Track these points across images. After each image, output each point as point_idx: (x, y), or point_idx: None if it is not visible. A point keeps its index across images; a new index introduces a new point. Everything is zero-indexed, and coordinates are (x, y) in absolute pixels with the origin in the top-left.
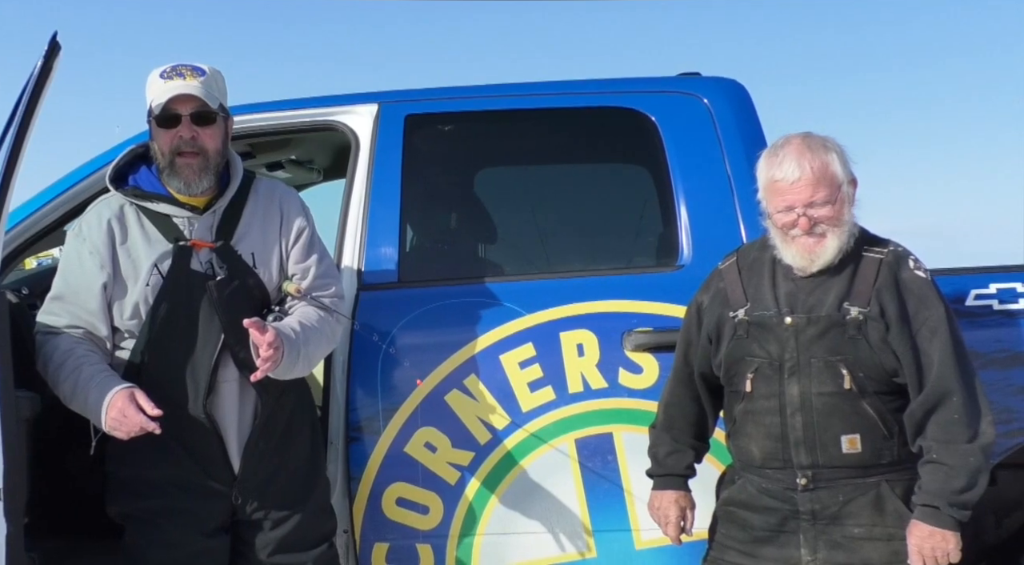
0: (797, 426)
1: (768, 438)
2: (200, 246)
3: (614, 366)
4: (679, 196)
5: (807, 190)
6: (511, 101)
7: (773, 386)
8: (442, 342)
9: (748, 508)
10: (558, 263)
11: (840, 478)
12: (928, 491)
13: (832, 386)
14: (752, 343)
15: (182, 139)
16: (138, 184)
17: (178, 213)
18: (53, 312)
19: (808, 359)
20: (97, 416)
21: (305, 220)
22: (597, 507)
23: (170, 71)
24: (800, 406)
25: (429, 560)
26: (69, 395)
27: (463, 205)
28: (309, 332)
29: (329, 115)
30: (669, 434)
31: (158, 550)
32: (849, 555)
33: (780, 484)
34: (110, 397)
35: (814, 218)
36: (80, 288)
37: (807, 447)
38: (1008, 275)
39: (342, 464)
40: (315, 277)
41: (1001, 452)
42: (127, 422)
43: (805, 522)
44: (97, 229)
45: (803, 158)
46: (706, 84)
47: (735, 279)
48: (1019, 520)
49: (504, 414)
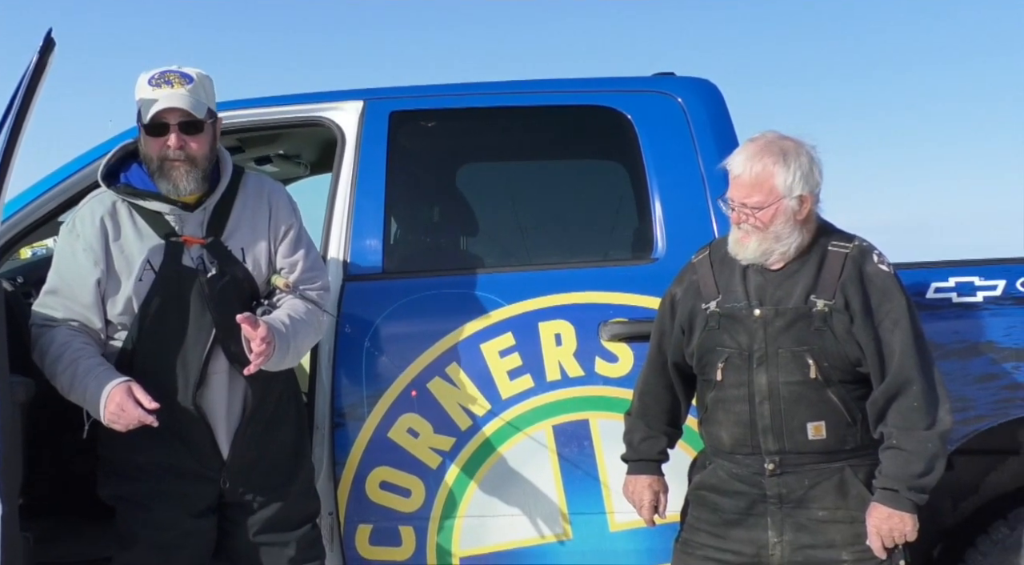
0: (765, 414)
1: (737, 425)
2: (191, 242)
3: (590, 355)
4: (654, 192)
5: (743, 189)
6: (492, 99)
7: (742, 375)
8: (425, 331)
9: (718, 492)
10: (537, 256)
11: (806, 463)
12: (888, 475)
13: (799, 375)
14: (723, 334)
15: (170, 148)
16: (129, 182)
17: (169, 210)
18: (48, 305)
19: (776, 349)
20: (96, 409)
21: (293, 215)
22: (573, 491)
23: (158, 78)
24: (768, 395)
25: (411, 541)
26: (67, 387)
27: (446, 199)
28: (298, 325)
29: (316, 111)
30: (643, 421)
31: (148, 530)
32: (814, 537)
33: (749, 469)
34: (108, 391)
35: (744, 215)
36: (74, 283)
37: (774, 434)
38: (966, 269)
39: (327, 449)
40: (302, 270)
41: (958, 439)
42: (125, 415)
43: (772, 505)
44: (91, 226)
45: (751, 160)
46: (680, 84)
47: (708, 272)
48: (975, 503)
49: (484, 401)
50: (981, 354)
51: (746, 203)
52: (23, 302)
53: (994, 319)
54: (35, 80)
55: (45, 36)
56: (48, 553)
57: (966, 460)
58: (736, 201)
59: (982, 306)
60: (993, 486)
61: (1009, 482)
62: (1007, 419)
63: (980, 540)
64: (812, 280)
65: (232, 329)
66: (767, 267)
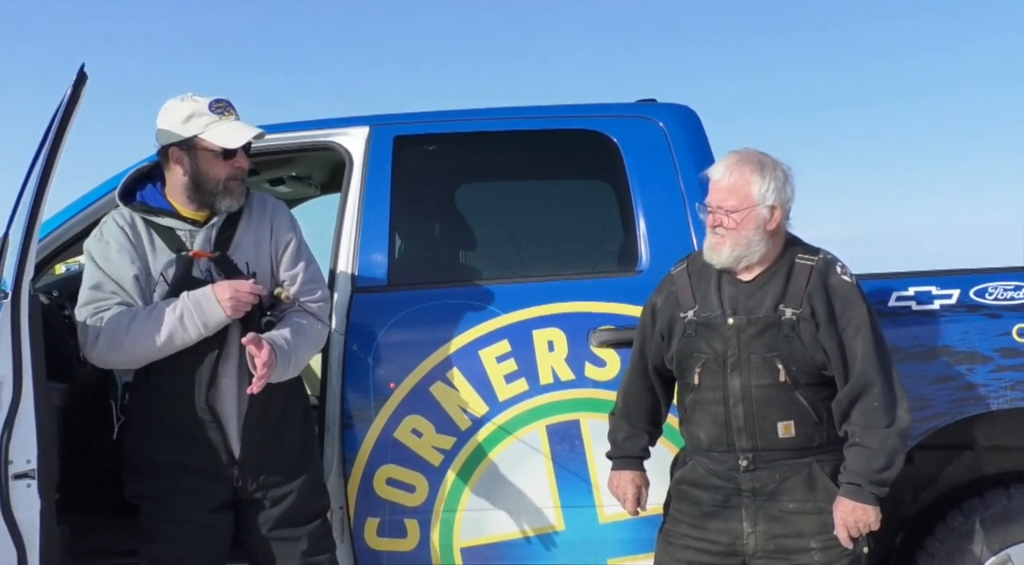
0: (739, 414)
1: (714, 425)
2: (200, 256)
3: (581, 360)
4: (638, 209)
5: (720, 193)
6: (488, 124)
7: (718, 379)
8: (427, 339)
9: (697, 486)
10: (531, 268)
11: (776, 459)
12: (852, 471)
13: (769, 379)
14: (700, 341)
15: (240, 169)
16: (144, 200)
17: (181, 226)
18: (98, 298)
19: (748, 355)
20: (213, 313)
21: (292, 231)
22: (565, 486)
23: (218, 106)
24: (741, 397)
25: (416, 534)
26: (163, 338)
27: (446, 216)
28: (299, 339)
29: (326, 136)
30: (626, 420)
31: (167, 525)
32: (785, 527)
33: (724, 465)
34: (209, 292)
35: (719, 219)
36: (115, 276)
37: (747, 433)
38: (924, 279)
39: (338, 448)
40: (302, 282)
41: (918, 435)
42: (240, 293)
43: (747, 498)
44: (119, 232)
45: (731, 168)
46: (661, 109)
47: (685, 283)
48: (933, 494)
49: (483, 403)
50: (938, 357)
51: (722, 206)
52: (58, 314)
53: (950, 325)
54: (69, 111)
55: (78, 70)
56: (82, 544)
57: (925, 455)
58: (713, 205)
59: (939, 313)
60: (950, 478)
61: (964, 474)
62: (962, 417)
63: (938, 528)
64: (781, 290)
65: (241, 335)
66: (739, 279)
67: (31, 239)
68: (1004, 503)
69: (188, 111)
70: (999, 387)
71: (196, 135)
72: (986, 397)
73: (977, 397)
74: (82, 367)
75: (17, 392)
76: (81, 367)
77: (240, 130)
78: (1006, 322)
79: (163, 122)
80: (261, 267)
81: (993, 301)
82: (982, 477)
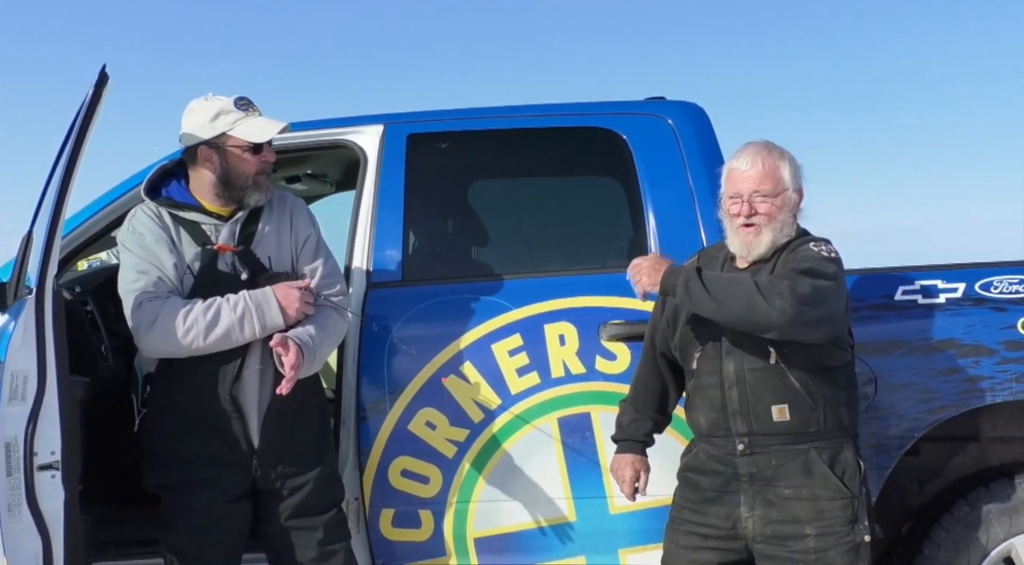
0: (734, 398)
1: (712, 409)
2: (224, 250)
3: (591, 354)
4: (647, 205)
5: (753, 181)
6: (500, 121)
7: (715, 363)
8: (441, 333)
9: (699, 472)
10: (542, 264)
11: (773, 444)
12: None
13: (761, 362)
14: (699, 327)
15: (267, 163)
16: (170, 195)
17: (206, 220)
18: (145, 287)
19: (741, 339)
20: (273, 319)
21: (312, 227)
22: (577, 477)
23: (243, 104)
24: (736, 380)
25: (430, 524)
26: (219, 335)
27: (459, 213)
28: (322, 334)
29: (341, 135)
30: (633, 405)
31: (187, 514)
32: (781, 512)
33: (723, 450)
34: (271, 294)
35: (754, 208)
36: (158, 263)
37: (743, 416)
38: (930, 273)
39: (353, 440)
40: (322, 276)
41: (924, 427)
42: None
43: (744, 483)
44: (152, 223)
45: (758, 155)
46: (670, 107)
47: None
48: (939, 486)
49: (495, 396)
50: (944, 350)
51: (759, 190)
52: (82, 310)
53: (955, 318)
54: (91, 111)
55: (100, 71)
56: (105, 534)
57: (931, 447)
58: (747, 193)
59: (944, 307)
60: (956, 470)
61: (970, 466)
62: (967, 409)
63: (944, 518)
64: (769, 274)
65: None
66: (735, 266)
67: (55, 236)
68: (1009, 493)
69: (215, 109)
70: (1004, 379)
71: (225, 132)
72: (991, 389)
73: (982, 389)
74: (104, 361)
75: (41, 386)
76: (103, 361)
77: (267, 124)
78: (1011, 315)
79: (189, 122)
80: (282, 262)
81: (998, 294)
82: (987, 468)
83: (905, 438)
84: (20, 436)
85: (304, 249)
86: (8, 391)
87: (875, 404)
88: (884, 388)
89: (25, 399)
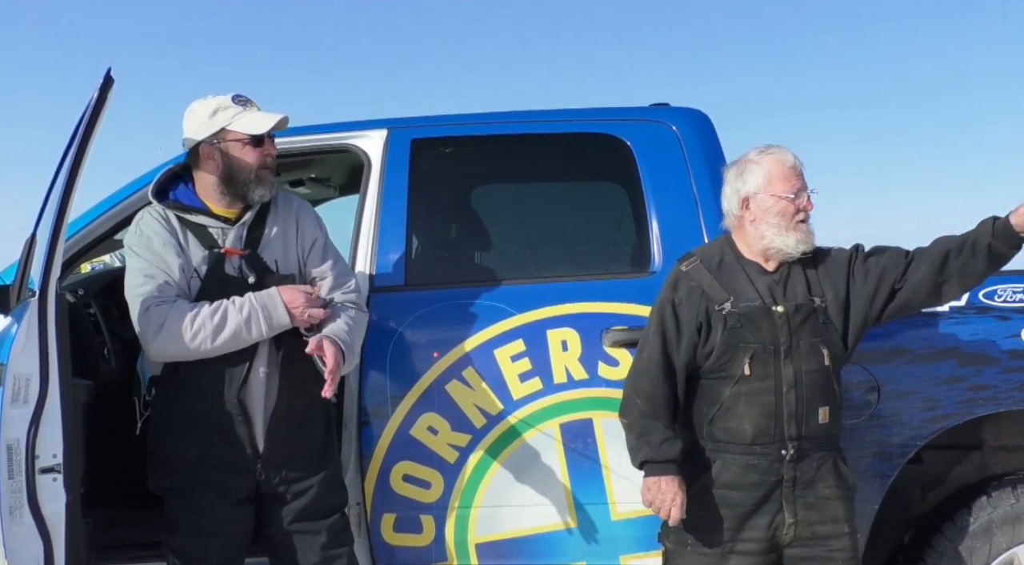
0: (791, 401)
1: (763, 416)
2: (232, 253)
3: (594, 360)
4: (651, 211)
5: (801, 178)
6: (504, 127)
7: (769, 368)
8: (443, 338)
9: (733, 487)
10: (545, 269)
11: (813, 448)
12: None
13: (816, 364)
14: (745, 332)
15: (269, 156)
16: (178, 198)
17: (212, 224)
18: (151, 291)
19: (798, 341)
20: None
21: (319, 230)
22: (579, 483)
23: (241, 100)
24: (795, 383)
25: (431, 529)
26: (227, 337)
27: (462, 218)
28: (354, 329)
29: (344, 139)
30: (659, 422)
31: (191, 517)
32: (821, 513)
33: (767, 458)
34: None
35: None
36: (165, 267)
37: (796, 420)
38: None
39: (355, 445)
40: (335, 277)
41: (927, 435)
42: (301, 296)
43: (787, 490)
44: (159, 226)
45: (789, 155)
46: (674, 113)
47: (708, 277)
48: (942, 493)
49: (497, 401)
50: (948, 359)
51: (813, 189)
52: (84, 312)
53: (959, 327)
54: (96, 114)
55: (105, 74)
56: (106, 536)
57: (934, 455)
58: (803, 190)
59: (948, 315)
60: (958, 478)
61: (973, 474)
62: (971, 417)
63: (946, 527)
64: (804, 280)
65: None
66: (765, 270)
67: (58, 239)
68: (1011, 503)
69: (213, 106)
70: (1007, 388)
71: (224, 127)
72: (995, 398)
73: (986, 398)
74: (106, 364)
75: (44, 388)
76: (105, 364)
77: (265, 117)
78: (1015, 324)
79: (190, 122)
80: (289, 265)
81: (1002, 303)
82: (990, 477)
83: (908, 446)
84: (22, 439)
85: (312, 252)
86: (10, 394)
87: (878, 412)
88: (887, 396)
89: (27, 402)
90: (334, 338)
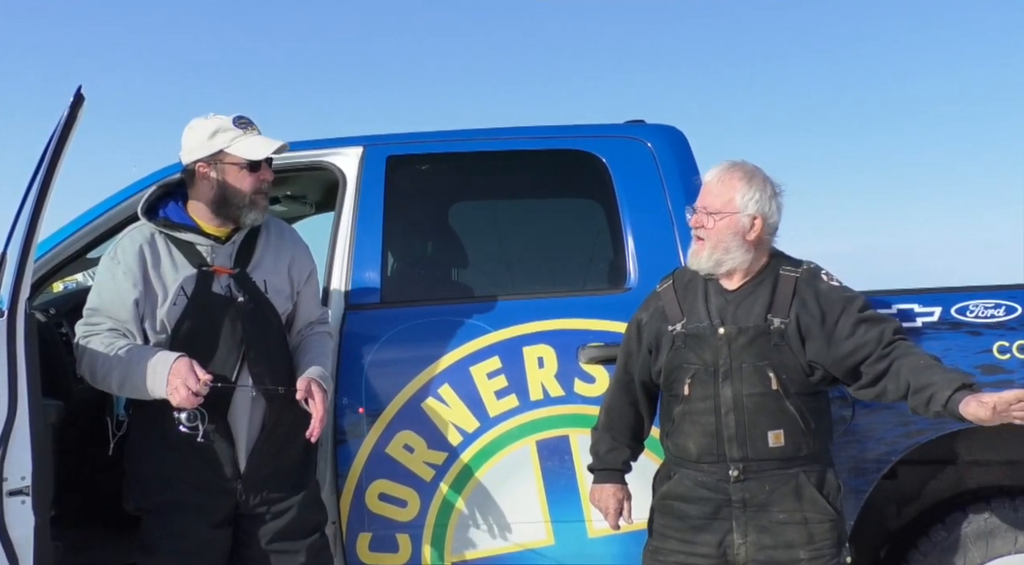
0: (731, 424)
1: (704, 435)
2: (221, 272)
3: (570, 376)
4: (627, 227)
5: (707, 196)
6: (480, 144)
7: (708, 389)
8: (419, 355)
9: (685, 500)
10: (521, 286)
11: (766, 470)
12: (950, 378)
13: (760, 387)
14: (688, 352)
15: (266, 182)
16: (167, 216)
17: (202, 242)
18: (91, 322)
19: (740, 364)
20: (158, 386)
21: (312, 262)
22: (555, 501)
23: (240, 121)
24: (733, 406)
25: (407, 548)
26: (120, 380)
27: (438, 235)
28: (325, 361)
29: (320, 156)
30: (609, 434)
31: (169, 539)
32: (774, 538)
33: (714, 477)
34: (167, 366)
35: (700, 220)
36: (114, 301)
37: (739, 442)
38: (907, 297)
39: (331, 463)
40: (316, 305)
41: (901, 450)
42: (185, 382)
43: (737, 510)
44: (131, 253)
45: (720, 173)
46: (650, 130)
47: (672, 298)
48: (917, 508)
49: (473, 419)
50: None
51: (705, 207)
52: (55, 332)
53: (932, 342)
54: (66, 132)
55: (75, 92)
56: (76, 560)
57: (909, 470)
58: (699, 205)
59: (921, 330)
60: (933, 493)
61: (947, 489)
62: (944, 432)
63: (921, 542)
64: (768, 300)
65: (259, 350)
66: (725, 288)
67: (28, 257)
68: (985, 517)
69: (213, 127)
70: None
71: (222, 149)
72: None
73: None
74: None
75: (12, 409)
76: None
77: (264, 143)
78: (987, 339)
79: (189, 140)
80: (277, 287)
81: (974, 318)
82: (964, 492)
83: (883, 461)
84: None
85: (307, 283)
86: None
87: (852, 427)
88: (861, 411)
89: None
90: (320, 383)
